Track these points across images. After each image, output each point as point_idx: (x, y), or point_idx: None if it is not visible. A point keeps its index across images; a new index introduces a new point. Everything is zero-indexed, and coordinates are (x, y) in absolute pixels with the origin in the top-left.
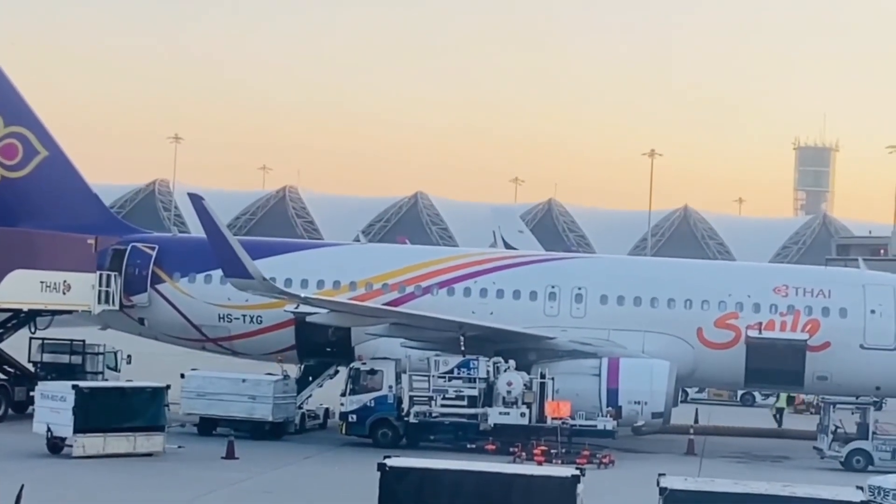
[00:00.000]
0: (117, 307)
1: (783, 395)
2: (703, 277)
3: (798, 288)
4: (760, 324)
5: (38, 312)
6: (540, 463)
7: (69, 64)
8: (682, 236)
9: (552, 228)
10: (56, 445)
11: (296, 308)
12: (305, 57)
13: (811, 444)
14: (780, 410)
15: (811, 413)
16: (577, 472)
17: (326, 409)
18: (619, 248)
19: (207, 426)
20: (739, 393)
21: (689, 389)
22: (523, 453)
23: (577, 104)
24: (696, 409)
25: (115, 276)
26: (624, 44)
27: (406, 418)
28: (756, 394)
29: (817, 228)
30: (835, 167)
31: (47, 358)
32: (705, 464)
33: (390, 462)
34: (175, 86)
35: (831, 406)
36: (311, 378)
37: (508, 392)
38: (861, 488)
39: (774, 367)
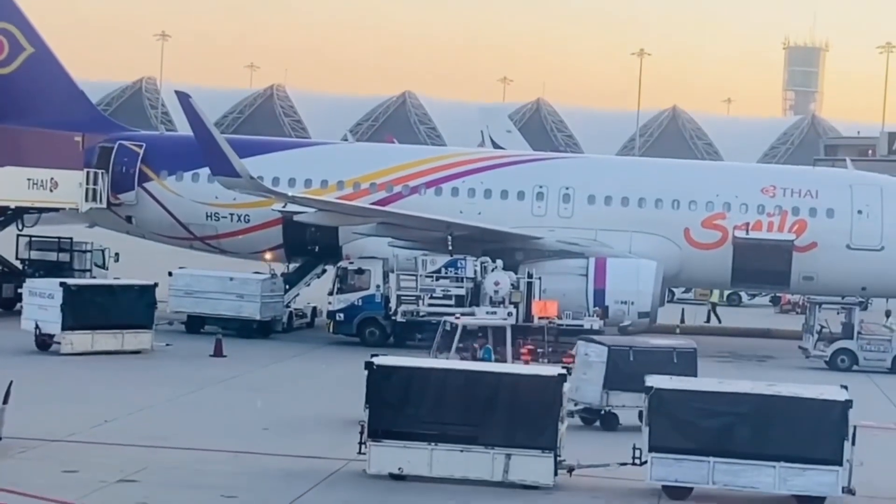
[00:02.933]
0: (104, 205)
1: (716, 291)
2: (690, 178)
3: (786, 188)
4: (748, 224)
5: (26, 210)
6: (527, 362)
7: None
8: (671, 136)
9: (540, 128)
10: (44, 342)
11: (283, 207)
12: None
13: (796, 344)
14: (714, 305)
15: (797, 313)
16: (564, 372)
17: (314, 308)
18: (607, 149)
19: (195, 324)
20: (726, 293)
21: (675, 289)
22: None
23: (565, 3)
24: (683, 309)
25: (102, 174)
26: None
27: (393, 317)
28: (742, 294)
29: (806, 129)
30: (824, 67)
31: (35, 255)
32: None
33: (378, 361)
34: None
35: (817, 306)
36: (287, 286)
37: (496, 292)
38: (845, 387)
39: (761, 267)
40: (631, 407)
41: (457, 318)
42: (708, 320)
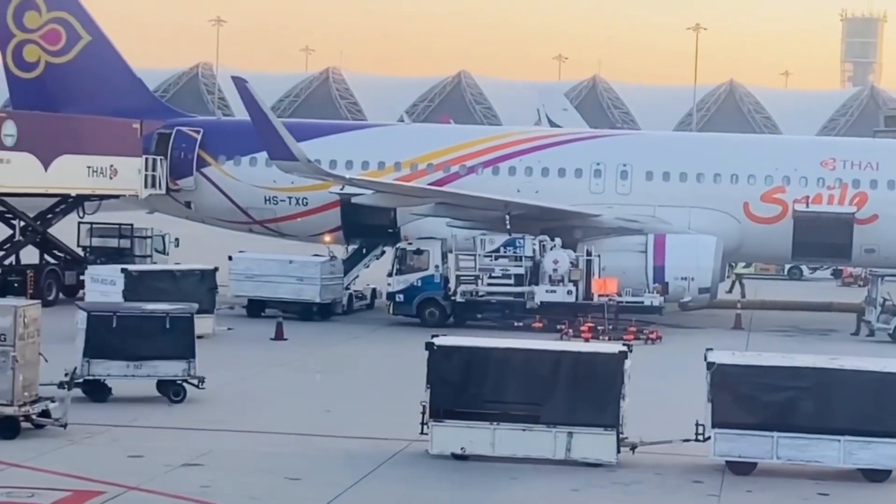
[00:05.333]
0: (164, 191)
1: (741, 264)
2: (749, 152)
3: (845, 161)
4: (808, 197)
5: (86, 197)
6: (587, 340)
7: None
8: (728, 111)
9: (597, 105)
10: None
11: (341, 189)
12: None
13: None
14: (739, 276)
15: (859, 286)
16: (625, 349)
17: (374, 290)
18: (664, 124)
19: (256, 308)
20: (787, 267)
21: (737, 265)
22: (570, 331)
23: None
24: (743, 284)
25: (160, 160)
26: None
27: (453, 297)
28: (803, 267)
29: (865, 100)
30: (882, 38)
31: (96, 242)
32: (752, 338)
33: (438, 341)
34: None
35: (879, 278)
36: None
37: (555, 270)
38: None
39: (822, 240)
40: (119, 376)
41: None
42: (730, 290)
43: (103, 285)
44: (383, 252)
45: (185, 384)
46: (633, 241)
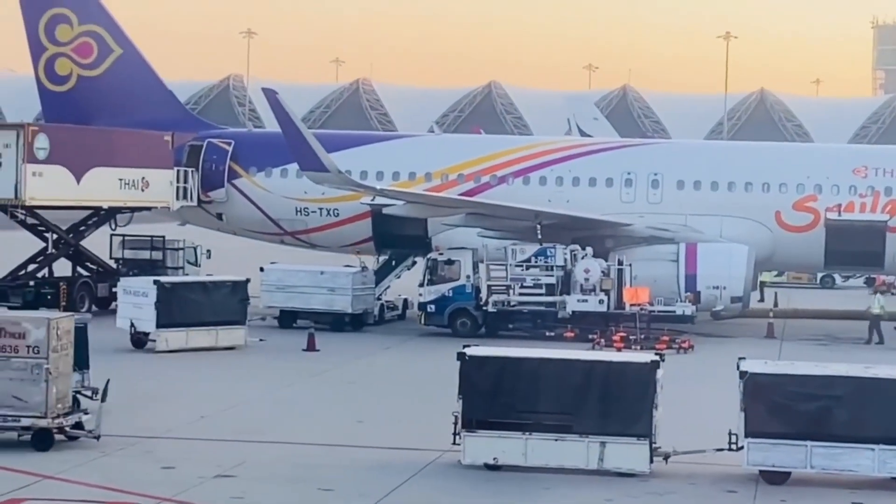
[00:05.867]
0: (195, 203)
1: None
2: (780, 160)
3: (878, 168)
4: (840, 206)
5: (118, 210)
6: (619, 349)
7: None
8: (759, 119)
9: (627, 115)
10: (140, 340)
11: (372, 200)
12: None
13: (892, 326)
14: (761, 284)
15: (893, 294)
16: (657, 358)
17: (405, 300)
18: (695, 133)
19: (287, 319)
20: (819, 275)
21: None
22: (602, 340)
23: None
24: (776, 293)
25: (192, 172)
26: None
27: (484, 307)
28: (836, 276)
29: None
30: None
31: (128, 254)
32: (785, 347)
33: (470, 351)
34: None
35: None
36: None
37: (586, 279)
38: None
39: (854, 248)
40: None
41: None
42: (762, 299)
43: (136, 297)
44: (414, 262)
45: (78, 395)
46: (665, 250)
